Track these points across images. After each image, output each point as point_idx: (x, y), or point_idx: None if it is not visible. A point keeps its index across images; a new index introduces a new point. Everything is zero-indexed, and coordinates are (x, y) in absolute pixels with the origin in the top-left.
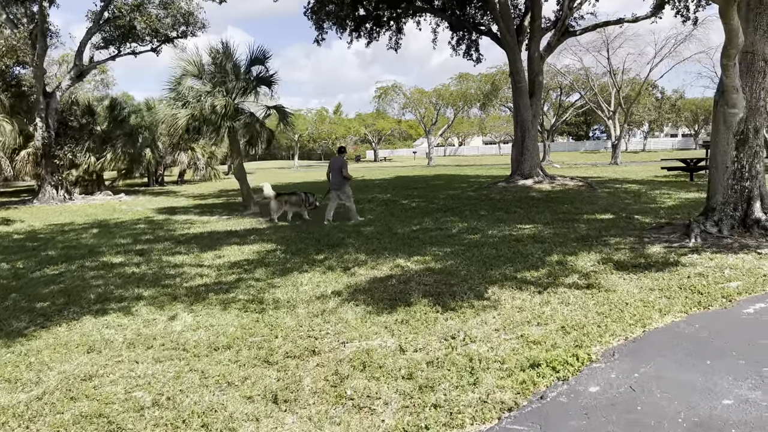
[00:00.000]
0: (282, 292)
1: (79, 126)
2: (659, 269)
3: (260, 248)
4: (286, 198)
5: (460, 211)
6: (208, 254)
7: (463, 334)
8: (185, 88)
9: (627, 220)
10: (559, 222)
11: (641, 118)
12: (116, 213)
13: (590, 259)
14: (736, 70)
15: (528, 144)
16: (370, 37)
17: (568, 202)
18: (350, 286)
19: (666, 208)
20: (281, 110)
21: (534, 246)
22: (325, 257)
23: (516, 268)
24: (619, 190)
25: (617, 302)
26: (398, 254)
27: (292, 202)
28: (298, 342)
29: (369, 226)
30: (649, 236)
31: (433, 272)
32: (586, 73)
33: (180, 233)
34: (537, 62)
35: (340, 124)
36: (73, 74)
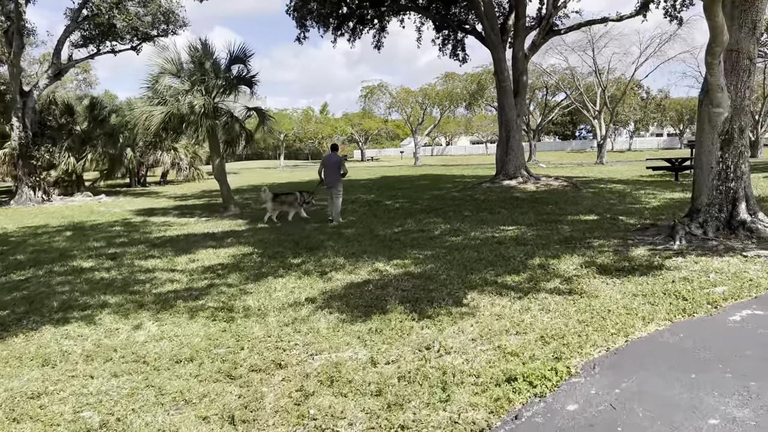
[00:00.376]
0: (254, 299)
1: (58, 126)
2: (643, 273)
3: (236, 252)
4: (282, 198)
5: (444, 212)
6: (182, 258)
7: (438, 345)
8: (163, 86)
9: (611, 222)
10: (542, 223)
11: (627, 118)
12: (93, 215)
13: (573, 262)
14: (720, 69)
15: (513, 144)
16: (353, 35)
17: (553, 203)
18: (325, 292)
19: (651, 209)
20: (261, 112)
21: (516, 248)
22: (302, 261)
23: (497, 272)
24: (604, 191)
25: (599, 309)
26: (378, 258)
27: (288, 202)
28: (265, 354)
29: (350, 228)
30: (633, 238)
31: (412, 277)
32: (571, 72)
33: (156, 236)
34: (521, 61)
35: (326, 124)
36: (50, 73)
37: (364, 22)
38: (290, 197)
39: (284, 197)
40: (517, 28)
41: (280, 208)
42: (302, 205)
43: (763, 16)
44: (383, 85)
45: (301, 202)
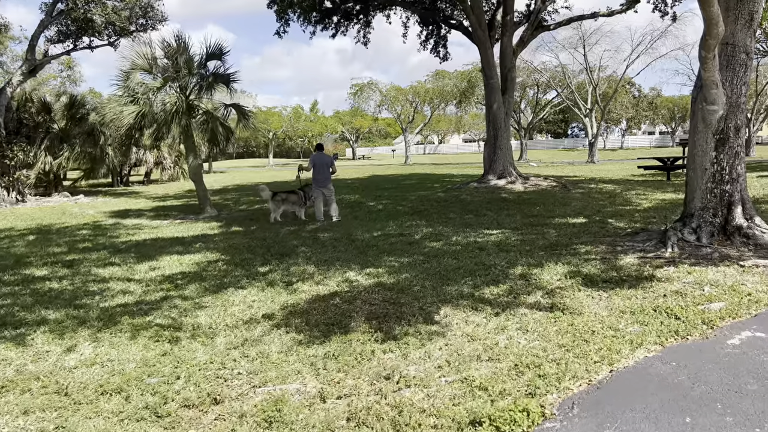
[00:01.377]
0: (207, 315)
1: (35, 124)
2: (632, 285)
3: (202, 258)
4: (283, 196)
5: (428, 213)
6: (143, 266)
7: (398, 375)
8: (134, 83)
9: (600, 225)
10: (528, 227)
11: (619, 116)
12: (65, 217)
13: (557, 272)
14: (715, 63)
15: (501, 143)
16: (338, 30)
17: (540, 204)
18: (287, 306)
19: (641, 211)
20: (240, 109)
21: (498, 255)
22: (269, 269)
23: (475, 283)
24: (594, 191)
25: (582, 329)
26: (351, 266)
27: (291, 201)
28: (202, 386)
29: (327, 232)
30: (622, 244)
31: (383, 288)
32: (562, 70)
33: (123, 240)
34: (509, 57)
35: (316, 122)
36: (24, 69)
37: (349, 17)
38: (293, 196)
39: (285, 195)
40: (505, 24)
41: (284, 207)
42: (304, 205)
43: (761, 7)
44: (373, 83)
45: (302, 201)
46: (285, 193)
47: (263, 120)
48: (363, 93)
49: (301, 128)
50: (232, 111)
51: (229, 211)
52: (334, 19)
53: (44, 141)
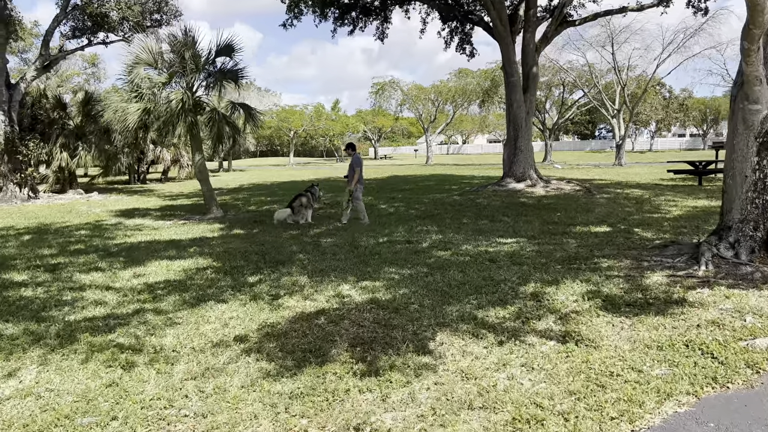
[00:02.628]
0: (175, 335)
1: (50, 121)
2: (659, 311)
3: (192, 265)
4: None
5: (441, 218)
6: (128, 272)
7: (370, 427)
8: (139, 78)
9: (625, 235)
10: (546, 235)
11: (648, 118)
12: (69, 215)
13: (574, 291)
14: (759, 57)
15: (521, 143)
16: (355, 26)
17: (562, 210)
18: (265, 326)
19: (671, 220)
20: (247, 108)
21: (510, 269)
22: (259, 279)
23: (479, 303)
24: (620, 196)
25: (599, 369)
26: (347, 277)
27: (303, 204)
28: (138, 431)
29: (330, 237)
30: (649, 259)
31: (377, 306)
32: (589, 69)
33: (117, 242)
34: (531, 54)
35: (337, 121)
36: (38, 65)
37: (368, 12)
38: (303, 199)
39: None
40: (527, 19)
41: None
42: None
43: None
44: (394, 82)
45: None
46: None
47: (284, 118)
48: (384, 92)
49: (322, 127)
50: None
51: (236, 212)
52: (353, 14)
53: (59, 138)
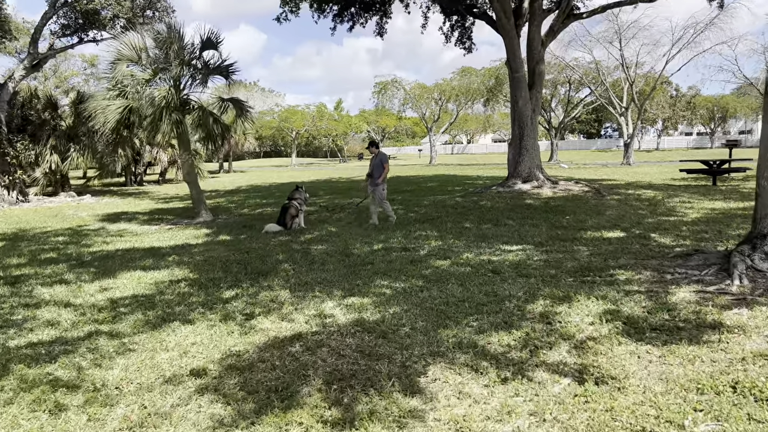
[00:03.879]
0: (124, 366)
1: (41, 122)
2: (692, 338)
3: (166, 276)
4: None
5: (441, 222)
6: (94, 285)
7: None
8: (121, 74)
9: (641, 241)
10: (554, 241)
11: (655, 116)
12: (53, 220)
13: (589, 310)
14: None
15: (527, 143)
16: (355, 22)
17: (570, 213)
18: (229, 356)
19: (689, 223)
20: (239, 104)
21: (515, 282)
22: (235, 294)
23: (481, 325)
24: (632, 198)
25: (627, 425)
26: (333, 292)
27: (293, 214)
28: None
29: (322, 244)
30: (672, 270)
31: (363, 329)
32: (596, 66)
33: (94, 250)
34: (537, 49)
35: (340, 121)
36: (27, 63)
37: (368, 8)
38: (292, 209)
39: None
40: (532, 12)
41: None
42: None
43: None
44: (397, 81)
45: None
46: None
47: (285, 118)
48: (387, 91)
49: (324, 127)
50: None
51: (227, 216)
52: (352, 10)
53: (49, 139)
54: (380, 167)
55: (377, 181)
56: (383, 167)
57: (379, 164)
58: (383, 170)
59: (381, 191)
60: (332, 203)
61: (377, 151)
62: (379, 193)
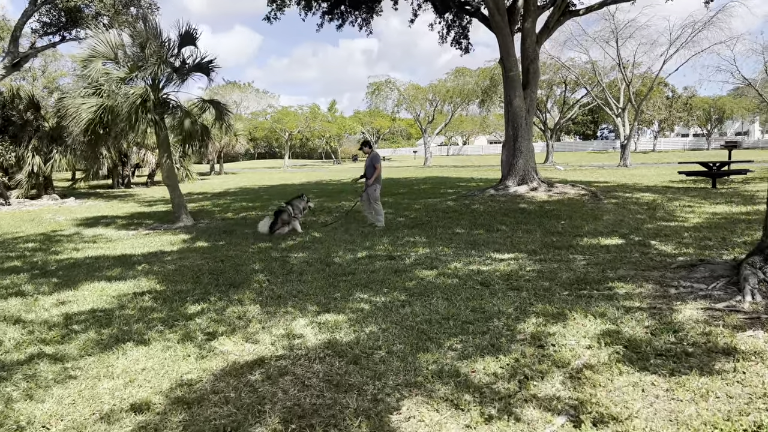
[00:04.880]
0: (58, 398)
1: (23, 122)
2: (704, 367)
3: (131, 288)
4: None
5: (431, 227)
6: (51, 298)
7: None
8: (96, 72)
9: (641, 249)
10: (549, 249)
11: (651, 117)
12: (27, 224)
13: (586, 330)
14: None
15: (521, 144)
16: (344, 20)
17: (566, 218)
18: (180, 385)
19: (691, 229)
20: (218, 106)
21: (505, 296)
22: (201, 309)
23: (465, 348)
24: (630, 201)
25: None
26: (306, 307)
27: (284, 220)
28: None
29: (303, 251)
30: (676, 283)
31: (334, 353)
32: (593, 67)
33: (61, 258)
34: (532, 47)
35: (333, 122)
36: (7, 63)
37: (357, 5)
38: (284, 215)
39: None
40: (527, 8)
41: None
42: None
43: None
44: (390, 81)
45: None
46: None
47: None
48: (381, 92)
49: (318, 129)
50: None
51: (209, 220)
52: (341, 8)
53: (31, 141)
54: (372, 168)
55: (368, 182)
56: (375, 168)
57: (371, 165)
58: (375, 171)
59: (373, 191)
60: (321, 206)
61: (371, 152)
62: (372, 194)
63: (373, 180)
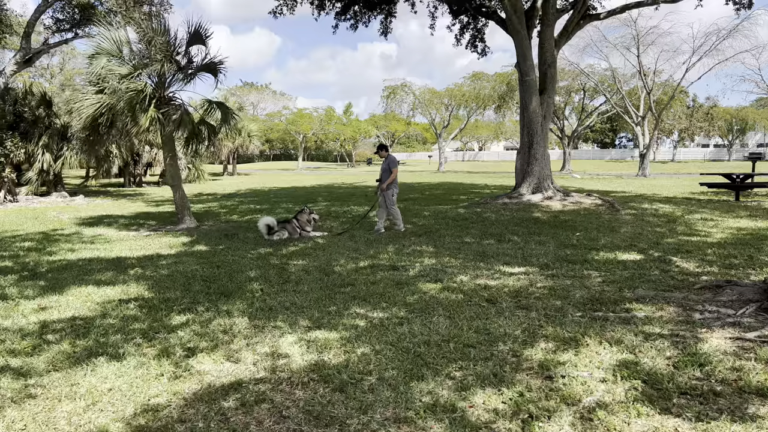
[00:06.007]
0: (9, 423)
1: (34, 119)
2: (735, 411)
3: (118, 294)
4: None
5: (439, 236)
6: (33, 303)
7: None
8: (99, 68)
9: (661, 266)
10: (562, 263)
11: (671, 127)
12: (29, 222)
13: (601, 360)
14: None
15: (536, 151)
16: (358, 21)
17: (581, 229)
18: (144, 411)
19: (714, 245)
20: (224, 107)
21: (513, 316)
22: (186, 320)
23: (464, 378)
24: (648, 213)
25: None
26: (298, 321)
27: (288, 230)
28: None
29: (304, 258)
30: (701, 306)
31: (320, 377)
32: (612, 74)
33: (54, 259)
34: (550, 51)
35: (348, 125)
36: (19, 58)
37: (372, 6)
38: (288, 226)
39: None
40: (545, 11)
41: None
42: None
43: None
44: (406, 85)
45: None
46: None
47: (292, 121)
48: (396, 95)
49: (333, 131)
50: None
51: (213, 222)
52: (355, 8)
53: (41, 137)
54: (388, 172)
55: (382, 186)
56: (390, 172)
57: (387, 169)
58: (390, 175)
59: (389, 196)
60: (328, 211)
61: (387, 155)
62: (388, 198)
63: (388, 184)
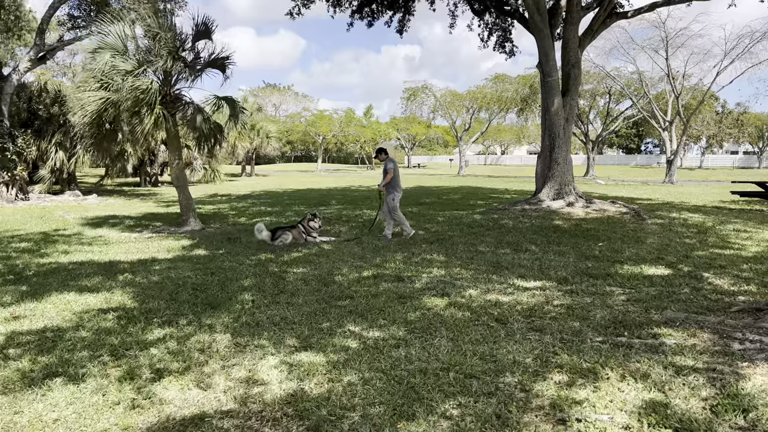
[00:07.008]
0: None
1: (48, 116)
2: None
3: (100, 302)
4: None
5: (452, 243)
6: (6, 312)
7: None
8: (103, 64)
9: (692, 283)
10: (582, 277)
11: (699, 133)
12: (33, 221)
13: (624, 400)
14: None
15: (558, 155)
16: (374, 18)
17: (604, 239)
18: None
19: (749, 260)
20: (232, 103)
21: (524, 340)
22: (164, 335)
23: (462, 417)
24: (676, 222)
25: None
26: (284, 339)
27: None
28: None
29: (305, 266)
30: (740, 333)
31: (295, 412)
32: (639, 77)
33: (45, 261)
34: (573, 51)
35: (368, 127)
36: (32, 55)
37: (392, 5)
38: (294, 231)
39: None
40: (569, 9)
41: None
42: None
43: None
44: (427, 87)
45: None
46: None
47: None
48: (416, 98)
49: (353, 133)
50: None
51: (219, 225)
52: (372, 6)
53: (55, 135)
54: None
55: (379, 186)
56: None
57: (384, 172)
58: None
59: (391, 200)
60: (339, 215)
61: (385, 158)
62: (389, 203)
63: (384, 184)
